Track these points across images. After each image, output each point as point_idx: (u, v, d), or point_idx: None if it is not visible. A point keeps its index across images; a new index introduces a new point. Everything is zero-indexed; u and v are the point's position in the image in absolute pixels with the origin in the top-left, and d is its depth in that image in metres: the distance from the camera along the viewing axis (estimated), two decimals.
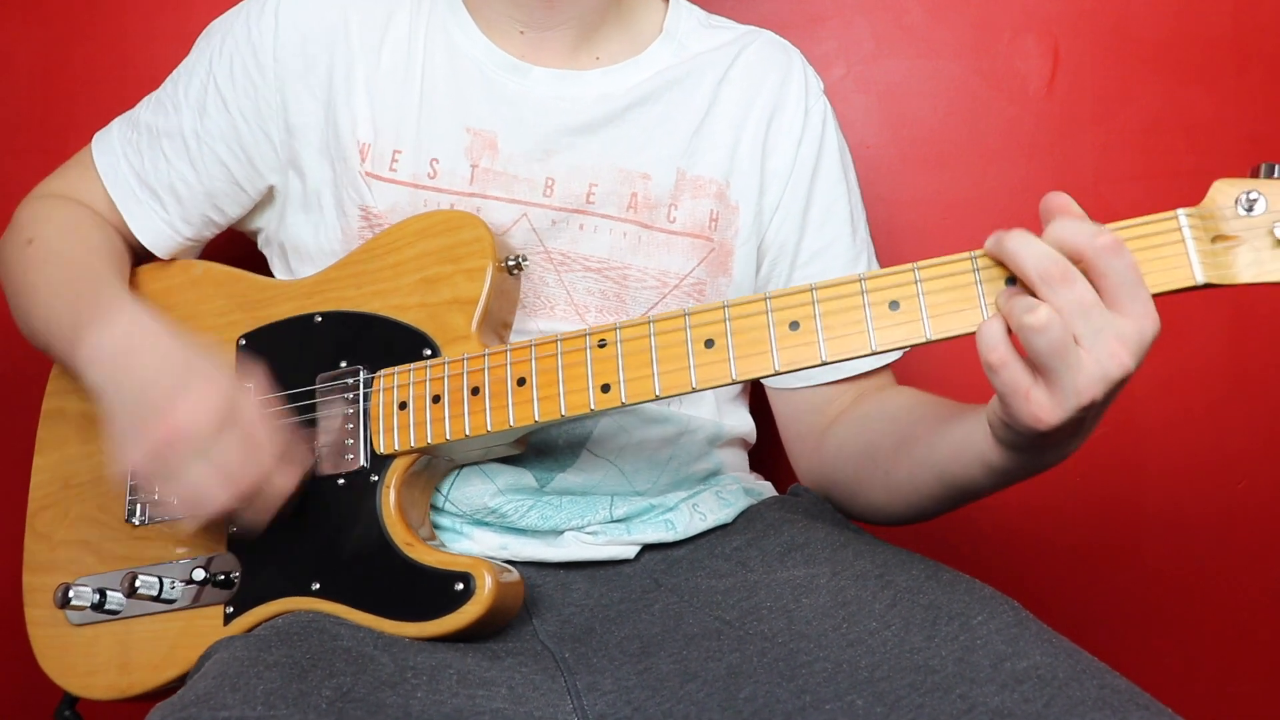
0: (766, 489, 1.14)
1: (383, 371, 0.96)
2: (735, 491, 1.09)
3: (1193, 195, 1.36)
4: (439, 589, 0.89)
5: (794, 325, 0.82)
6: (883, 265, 1.17)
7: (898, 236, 1.40)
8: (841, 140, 1.16)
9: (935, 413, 0.95)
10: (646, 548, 1.03)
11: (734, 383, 0.85)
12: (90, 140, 1.15)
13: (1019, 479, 0.86)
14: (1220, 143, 1.38)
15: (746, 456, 1.17)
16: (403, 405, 0.94)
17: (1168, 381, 1.34)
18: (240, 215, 1.12)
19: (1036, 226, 0.76)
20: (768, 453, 1.22)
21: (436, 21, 1.07)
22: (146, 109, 1.13)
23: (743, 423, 1.14)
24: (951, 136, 1.41)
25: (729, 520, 1.05)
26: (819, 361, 0.81)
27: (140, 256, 1.14)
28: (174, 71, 1.13)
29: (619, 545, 1.01)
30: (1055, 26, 1.40)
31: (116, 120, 1.16)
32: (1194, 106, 1.39)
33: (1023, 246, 0.74)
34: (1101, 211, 1.40)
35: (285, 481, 0.92)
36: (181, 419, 0.87)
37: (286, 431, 0.93)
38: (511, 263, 0.97)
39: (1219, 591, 1.40)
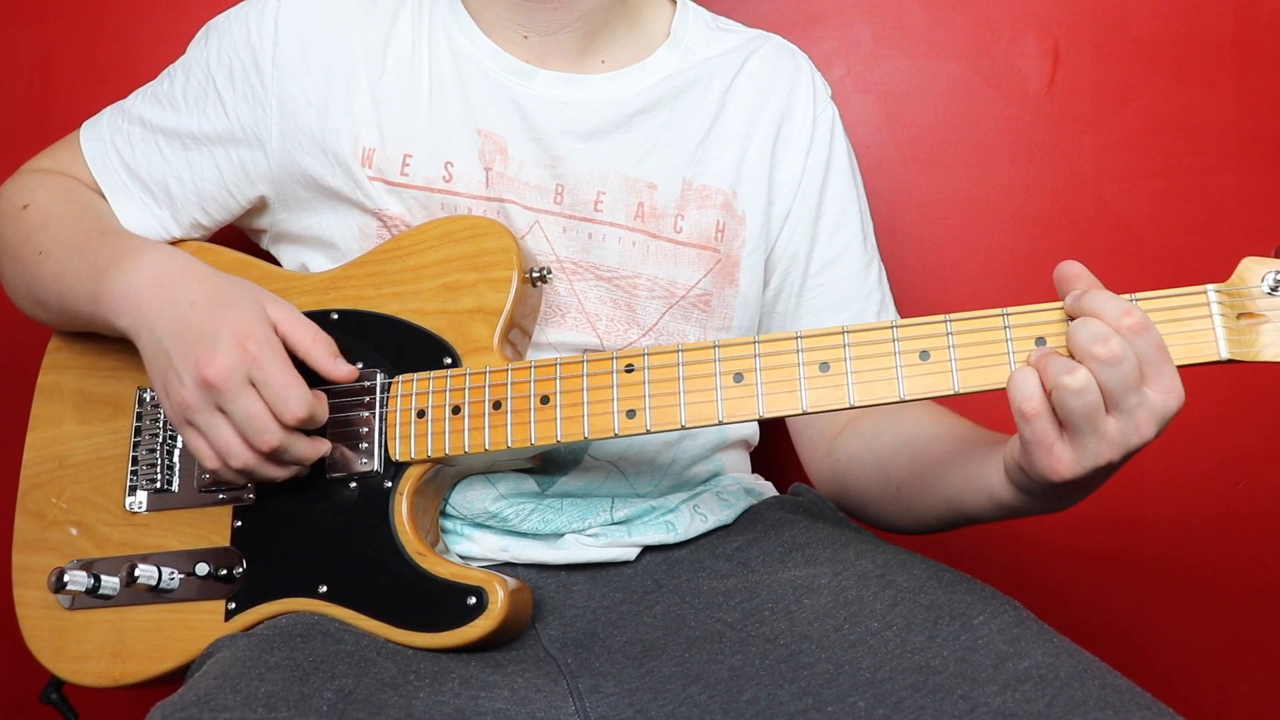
0: (767, 489, 1.14)
1: (401, 377, 0.95)
2: (736, 492, 1.09)
3: (1192, 196, 1.38)
4: (450, 602, 0.88)
5: (824, 366, 0.83)
6: (885, 269, 1.17)
7: (898, 237, 1.40)
8: (849, 146, 1.16)
9: (950, 436, 0.96)
10: (647, 549, 1.03)
11: (761, 419, 0.85)
12: (80, 126, 1.13)
13: (1024, 516, 0.88)
14: (1220, 143, 1.38)
15: (748, 457, 1.17)
16: (421, 413, 0.93)
17: None
18: (227, 221, 1.11)
19: (1036, 229, 0.76)
20: (769, 453, 1.22)
21: (439, 26, 1.06)
22: (141, 101, 1.11)
23: (745, 424, 1.14)
24: (951, 136, 1.41)
25: (730, 521, 1.05)
26: (847, 405, 0.82)
27: None
28: (170, 67, 1.11)
29: (619, 547, 1.01)
30: (1055, 26, 1.40)
31: (107, 109, 1.14)
32: (1194, 106, 1.39)
33: (1078, 325, 0.76)
34: (1101, 212, 1.41)
35: (306, 449, 0.91)
36: (215, 367, 0.88)
37: (305, 396, 0.90)
38: (535, 274, 0.96)
39: (1219, 591, 1.40)
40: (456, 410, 0.92)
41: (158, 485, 1.02)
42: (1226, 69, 1.38)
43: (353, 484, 0.94)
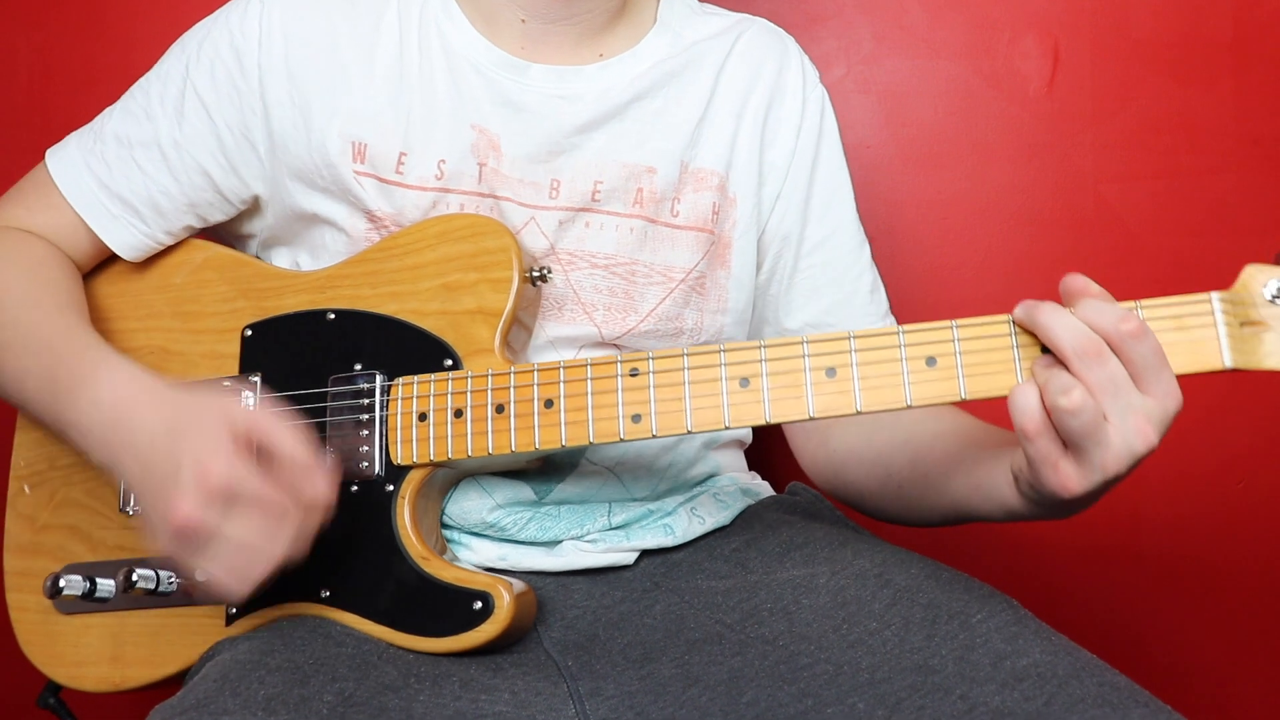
0: (764, 489, 1.14)
1: (401, 379, 0.93)
2: (733, 493, 1.09)
3: (1192, 196, 1.38)
4: (456, 606, 0.87)
5: (830, 372, 0.82)
6: (879, 266, 1.17)
7: (898, 236, 1.40)
8: (838, 128, 1.15)
9: (953, 436, 0.96)
10: (645, 553, 1.02)
11: (767, 424, 0.84)
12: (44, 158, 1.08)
13: (1035, 520, 0.87)
14: (1220, 143, 1.38)
15: (743, 455, 1.17)
16: (422, 416, 0.92)
17: None
18: (222, 221, 1.09)
19: (1036, 229, 0.76)
20: (765, 451, 1.22)
21: (429, 19, 1.04)
22: (112, 119, 1.07)
23: None
24: (951, 136, 1.41)
25: (727, 522, 1.05)
26: (854, 411, 0.82)
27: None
28: (141, 80, 1.08)
29: (618, 552, 1.00)
30: (1055, 26, 1.40)
31: (72, 135, 1.09)
32: (1194, 106, 1.39)
33: (1056, 321, 0.76)
34: (1101, 212, 1.41)
35: (316, 521, 0.84)
36: (183, 514, 0.78)
37: (302, 474, 0.82)
38: (536, 274, 0.95)
39: (1218, 590, 1.40)
40: (459, 414, 0.91)
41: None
42: (1226, 69, 1.39)
43: (354, 488, 0.92)
